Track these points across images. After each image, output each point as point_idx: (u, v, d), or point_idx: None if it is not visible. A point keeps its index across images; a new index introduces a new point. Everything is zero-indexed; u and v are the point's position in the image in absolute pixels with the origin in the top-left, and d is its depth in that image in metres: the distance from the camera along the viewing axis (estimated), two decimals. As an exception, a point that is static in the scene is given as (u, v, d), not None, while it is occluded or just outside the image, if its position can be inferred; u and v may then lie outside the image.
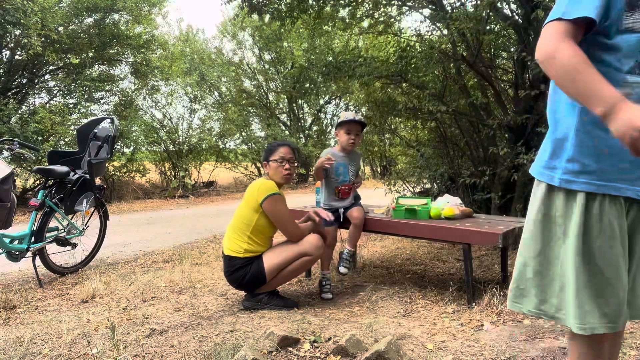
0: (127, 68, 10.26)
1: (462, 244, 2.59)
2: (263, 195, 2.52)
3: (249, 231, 2.56)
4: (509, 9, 4.38)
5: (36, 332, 2.26)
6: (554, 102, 1.19)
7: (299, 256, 2.57)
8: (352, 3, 5.22)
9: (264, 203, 2.51)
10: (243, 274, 2.55)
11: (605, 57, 1.09)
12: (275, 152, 2.66)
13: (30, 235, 3.26)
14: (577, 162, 1.13)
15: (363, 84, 5.08)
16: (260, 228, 2.57)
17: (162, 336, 2.15)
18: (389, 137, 7.09)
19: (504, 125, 3.90)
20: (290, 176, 2.68)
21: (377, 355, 1.74)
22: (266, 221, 2.57)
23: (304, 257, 2.58)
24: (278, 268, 2.56)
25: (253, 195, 2.55)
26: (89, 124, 3.91)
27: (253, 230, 2.56)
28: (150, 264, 3.97)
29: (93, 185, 3.62)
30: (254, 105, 14.08)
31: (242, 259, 2.55)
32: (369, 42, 7.86)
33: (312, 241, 2.60)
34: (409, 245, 4.39)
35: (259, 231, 2.57)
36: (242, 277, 2.55)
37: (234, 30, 13.89)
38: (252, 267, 2.54)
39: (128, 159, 10.06)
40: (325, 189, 3.02)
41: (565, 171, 1.14)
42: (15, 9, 6.83)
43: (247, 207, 2.58)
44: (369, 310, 2.61)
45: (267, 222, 2.57)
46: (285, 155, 2.64)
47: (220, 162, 12.53)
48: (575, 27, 1.07)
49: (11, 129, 6.91)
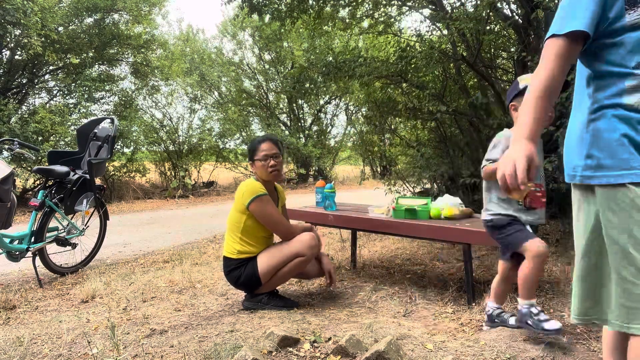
0: (127, 68, 10.27)
1: (462, 244, 2.59)
2: (248, 198, 2.48)
3: (239, 232, 2.55)
4: (509, 9, 4.39)
5: (36, 332, 2.26)
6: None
7: (292, 257, 2.52)
8: (352, 3, 5.22)
9: (250, 206, 2.49)
10: (238, 274, 2.55)
11: (611, 56, 1.11)
12: (258, 150, 2.58)
13: (30, 235, 3.26)
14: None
15: (363, 84, 5.08)
16: (250, 229, 2.55)
17: (162, 336, 2.15)
18: (389, 137, 7.09)
19: (504, 125, 3.90)
20: (278, 172, 2.59)
21: (377, 355, 1.74)
22: (254, 222, 2.55)
23: (298, 258, 2.52)
24: (272, 269, 2.52)
25: (239, 198, 2.54)
26: (89, 124, 3.91)
27: (243, 231, 2.55)
28: (150, 264, 3.97)
29: (93, 185, 3.62)
30: (254, 105, 14.08)
31: (235, 259, 2.56)
32: (369, 42, 7.87)
33: (305, 241, 2.53)
34: (409, 245, 4.39)
35: (248, 232, 2.56)
36: (237, 278, 2.56)
37: (234, 30, 13.89)
38: (246, 269, 2.53)
39: (128, 159, 10.06)
40: (494, 190, 2.13)
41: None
42: (15, 9, 6.83)
43: (235, 209, 2.58)
44: (369, 310, 2.61)
45: (255, 223, 2.55)
46: (268, 152, 2.56)
47: (220, 162, 12.53)
48: (570, 40, 1.11)
49: (11, 129, 6.91)
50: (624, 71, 1.08)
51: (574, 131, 1.19)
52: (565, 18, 1.12)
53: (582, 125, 1.16)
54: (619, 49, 1.09)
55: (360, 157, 14.98)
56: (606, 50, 1.11)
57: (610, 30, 1.09)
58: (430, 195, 4.24)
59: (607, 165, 1.10)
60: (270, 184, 2.68)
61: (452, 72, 4.76)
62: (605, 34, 1.10)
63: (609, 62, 1.11)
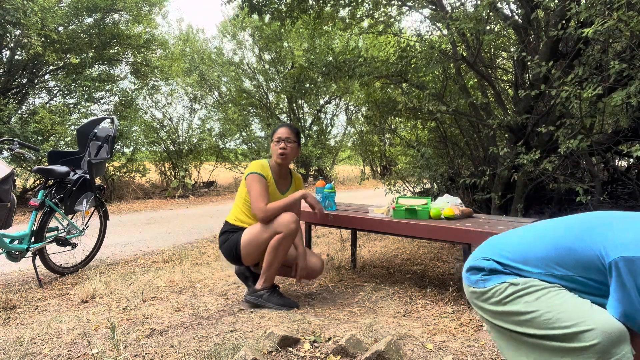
0: (127, 68, 10.26)
1: (462, 244, 2.59)
2: (247, 172, 2.71)
3: (242, 203, 2.76)
4: (509, 9, 4.39)
5: (36, 332, 2.26)
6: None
7: (272, 234, 2.57)
8: (352, 3, 5.22)
9: (246, 179, 2.70)
10: (226, 238, 2.72)
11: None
12: (275, 132, 2.81)
13: (30, 235, 3.26)
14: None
15: (363, 84, 5.08)
16: (249, 202, 2.72)
17: (162, 336, 2.15)
18: (389, 137, 7.09)
19: (504, 125, 3.90)
20: (285, 155, 2.74)
21: (377, 355, 1.74)
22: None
23: (277, 235, 2.56)
24: (251, 244, 2.62)
25: (245, 172, 2.78)
26: (89, 124, 3.91)
27: (244, 202, 2.75)
28: (150, 264, 3.97)
29: (93, 185, 3.62)
30: (254, 105, 14.07)
31: (231, 225, 2.76)
32: (369, 42, 7.87)
33: (282, 218, 2.56)
34: (409, 245, 4.39)
35: (248, 205, 2.73)
36: (224, 241, 2.73)
37: (234, 30, 13.88)
38: (234, 236, 2.69)
39: (128, 159, 10.05)
40: None
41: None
42: (15, 9, 6.83)
43: (242, 181, 2.82)
44: (369, 310, 2.61)
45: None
46: (282, 135, 2.76)
47: (220, 162, 12.52)
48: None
49: (11, 129, 6.91)
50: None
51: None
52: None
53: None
54: None
55: (360, 157, 15.01)
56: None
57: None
58: (430, 195, 4.24)
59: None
60: (283, 168, 2.82)
61: (452, 72, 4.75)
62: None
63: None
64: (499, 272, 1.34)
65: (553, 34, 3.24)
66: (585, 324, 1.15)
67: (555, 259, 1.27)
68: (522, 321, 1.26)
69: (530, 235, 1.38)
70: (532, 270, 1.30)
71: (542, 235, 1.35)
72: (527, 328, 1.25)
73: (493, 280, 1.34)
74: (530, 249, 1.34)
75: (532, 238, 1.37)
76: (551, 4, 3.72)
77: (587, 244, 1.23)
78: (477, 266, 1.40)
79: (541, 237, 1.35)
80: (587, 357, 1.14)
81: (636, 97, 2.62)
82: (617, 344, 1.12)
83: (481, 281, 1.36)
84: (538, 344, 1.24)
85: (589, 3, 3.05)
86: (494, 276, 1.34)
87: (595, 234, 1.23)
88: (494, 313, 1.33)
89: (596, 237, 1.22)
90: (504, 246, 1.40)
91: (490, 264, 1.37)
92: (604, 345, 1.12)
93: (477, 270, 1.39)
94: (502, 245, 1.41)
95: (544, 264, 1.29)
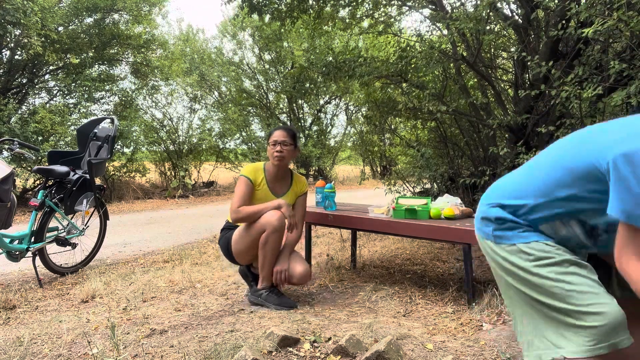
0: (127, 68, 10.26)
1: (462, 244, 2.59)
2: (240, 173, 2.80)
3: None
4: (509, 9, 4.38)
5: (36, 332, 2.26)
6: None
7: (259, 232, 2.59)
8: (352, 3, 5.22)
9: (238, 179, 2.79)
10: (222, 235, 2.84)
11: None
12: (271, 135, 2.83)
13: (30, 235, 3.26)
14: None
15: (363, 84, 5.08)
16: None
17: (162, 336, 2.15)
18: (389, 137, 7.10)
19: (504, 125, 3.90)
20: (281, 158, 2.74)
21: (377, 355, 1.74)
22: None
23: (263, 234, 2.58)
24: (238, 242, 2.69)
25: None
26: (89, 124, 3.91)
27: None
28: (150, 264, 3.97)
29: (93, 185, 3.62)
30: (254, 105, 14.08)
31: (229, 222, 2.83)
32: (369, 42, 7.88)
33: (265, 217, 2.58)
34: (409, 245, 4.39)
35: (246, 204, 2.75)
36: (220, 239, 2.85)
37: (234, 30, 13.89)
38: (228, 233, 2.77)
39: (128, 159, 10.05)
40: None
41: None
42: (15, 9, 6.83)
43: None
44: (369, 310, 2.61)
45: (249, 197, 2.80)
46: (278, 138, 2.77)
47: (220, 162, 12.53)
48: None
49: (11, 129, 6.91)
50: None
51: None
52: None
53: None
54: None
55: (360, 157, 15.01)
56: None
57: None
58: (430, 195, 4.24)
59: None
60: (280, 170, 2.81)
61: (452, 72, 4.75)
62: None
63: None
64: (509, 223, 1.32)
65: (553, 34, 3.23)
66: (595, 306, 1.15)
67: (556, 181, 1.24)
68: (533, 284, 1.25)
69: (528, 170, 1.37)
70: (537, 202, 1.28)
71: (538, 165, 1.34)
72: (536, 293, 1.24)
73: (508, 238, 1.32)
74: (531, 180, 1.32)
75: (531, 170, 1.36)
76: (551, 4, 3.71)
77: (583, 156, 1.19)
78: (487, 217, 1.38)
79: (538, 167, 1.33)
80: (585, 336, 1.15)
81: (636, 97, 2.62)
82: (618, 329, 1.13)
83: (498, 237, 1.34)
84: (541, 310, 1.24)
85: (589, 3, 3.05)
86: (508, 232, 1.32)
87: (589, 142, 1.20)
88: (507, 269, 1.32)
89: (590, 145, 1.19)
90: (506, 186, 1.39)
91: (496, 212, 1.35)
92: (606, 328, 1.13)
93: (489, 222, 1.37)
94: (503, 187, 1.40)
95: (548, 190, 1.26)
